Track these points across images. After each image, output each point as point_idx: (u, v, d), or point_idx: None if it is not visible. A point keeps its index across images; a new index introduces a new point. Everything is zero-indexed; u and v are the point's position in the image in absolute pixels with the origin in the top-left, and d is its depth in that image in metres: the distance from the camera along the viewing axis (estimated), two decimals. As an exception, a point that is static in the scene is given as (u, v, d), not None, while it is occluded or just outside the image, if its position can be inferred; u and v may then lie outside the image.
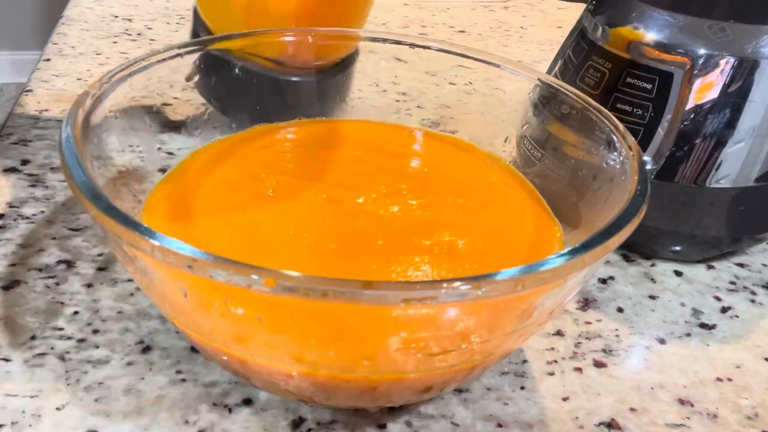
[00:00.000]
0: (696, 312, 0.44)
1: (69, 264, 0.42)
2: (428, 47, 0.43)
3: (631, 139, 0.32)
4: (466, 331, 0.25)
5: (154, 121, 0.36)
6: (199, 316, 0.25)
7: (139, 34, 0.74)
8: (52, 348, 0.35)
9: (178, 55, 0.36)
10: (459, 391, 0.36)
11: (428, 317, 0.24)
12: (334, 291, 0.21)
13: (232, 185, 0.36)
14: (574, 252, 0.24)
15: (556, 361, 0.39)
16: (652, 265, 0.48)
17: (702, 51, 0.41)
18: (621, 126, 0.33)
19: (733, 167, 0.42)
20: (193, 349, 0.36)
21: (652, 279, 0.46)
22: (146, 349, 0.36)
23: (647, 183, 0.29)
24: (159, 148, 0.38)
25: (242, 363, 0.27)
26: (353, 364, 0.25)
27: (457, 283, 0.22)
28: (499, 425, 0.35)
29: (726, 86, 0.41)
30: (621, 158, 0.32)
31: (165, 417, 0.32)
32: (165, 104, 0.38)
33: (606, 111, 0.35)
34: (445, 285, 0.22)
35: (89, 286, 0.40)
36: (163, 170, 0.37)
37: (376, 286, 0.21)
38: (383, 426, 0.33)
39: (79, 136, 0.28)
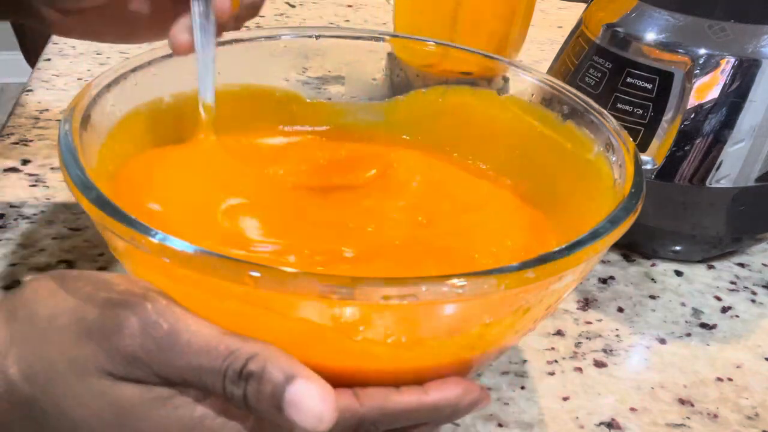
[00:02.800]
0: (696, 312, 0.44)
1: (69, 264, 0.42)
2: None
3: (628, 139, 0.32)
4: (460, 325, 0.25)
5: (156, 118, 0.36)
6: (197, 312, 0.25)
7: (139, 34, 0.74)
8: (51, 347, 0.35)
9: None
10: (459, 390, 0.36)
11: (417, 312, 0.24)
12: (324, 289, 0.22)
13: (234, 183, 0.36)
14: (562, 252, 0.24)
15: (556, 361, 0.39)
16: (653, 265, 0.48)
17: (702, 51, 0.41)
18: (619, 126, 0.33)
19: (733, 167, 0.42)
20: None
21: (653, 279, 0.46)
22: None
23: (642, 183, 0.29)
24: (160, 146, 0.37)
25: None
26: (343, 356, 0.25)
27: (437, 282, 0.22)
28: (499, 425, 0.35)
29: (726, 86, 0.41)
30: (619, 158, 0.32)
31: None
32: (167, 102, 0.38)
33: (605, 111, 0.35)
34: (425, 283, 0.22)
35: (89, 285, 0.40)
36: (162, 168, 0.37)
37: (364, 282, 0.22)
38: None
39: (77, 131, 0.28)
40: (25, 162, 0.51)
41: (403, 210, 0.36)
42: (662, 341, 0.41)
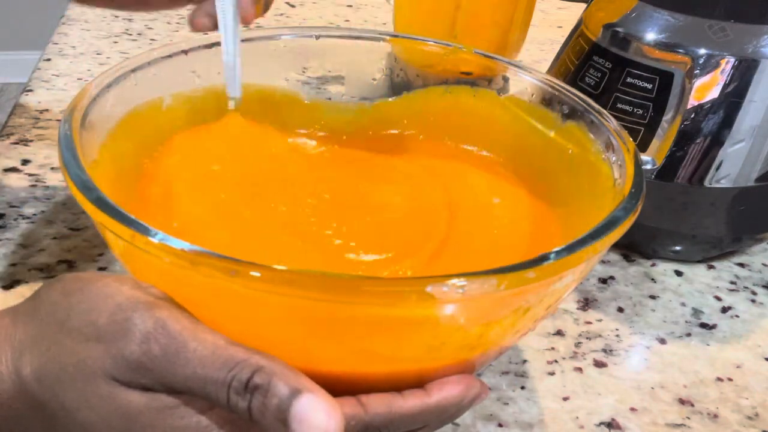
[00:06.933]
0: (696, 312, 0.44)
1: (69, 264, 0.42)
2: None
3: (628, 139, 0.32)
4: (461, 325, 0.25)
5: (157, 118, 0.36)
6: (197, 312, 0.25)
7: (139, 34, 0.74)
8: (51, 347, 0.35)
9: (183, 52, 0.36)
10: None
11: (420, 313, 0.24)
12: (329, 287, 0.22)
13: (230, 183, 0.36)
14: (562, 252, 0.24)
15: (556, 361, 0.39)
16: (653, 265, 0.48)
17: (702, 51, 0.41)
18: (619, 126, 0.33)
19: (733, 167, 0.42)
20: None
21: (653, 279, 0.46)
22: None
23: (642, 183, 0.29)
24: (160, 145, 0.37)
25: None
26: (343, 357, 0.25)
27: (437, 282, 0.22)
28: (500, 425, 0.35)
29: (726, 86, 0.41)
30: (619, 158, 0.32)
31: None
32: (167, 102, 0.38)
33: (605, 111, 0.35)
34: (425, 283, 0.22)
35: (89, 285, 0.40)
36: (163, 166, 0.37)
37: (364, 283, 0.22)
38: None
39: (77, 131, 0.28)
40: (25, 162, 0.51)
41: (409, 204, 0.36)
42: (662, 341, 0.41)
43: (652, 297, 0.45)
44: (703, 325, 0.43)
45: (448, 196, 0.37)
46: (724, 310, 0.44)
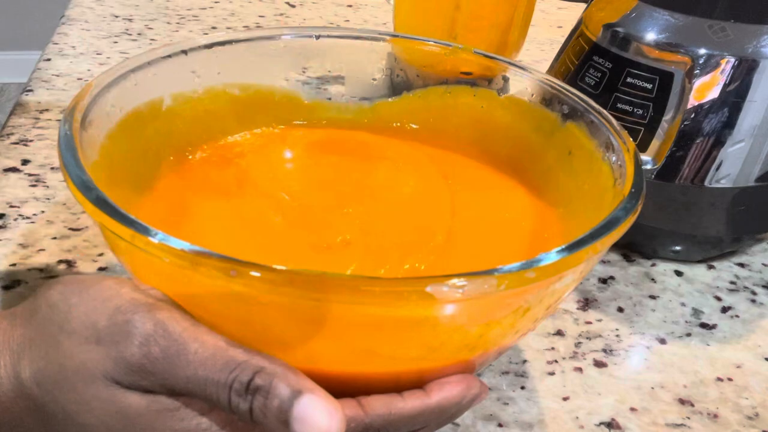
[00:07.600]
0: (696, 312, 0.44)
1: (69, 264, 0.42)
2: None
3: (628, 139, 0.32)
4: (461, 325, 0.25)
5: (157, 118, 0.36)
6: (198, 312, 0.25)
7: (139, 34, 0.74)
8: (51, 347, 0.35)
9: (183, 52, 0.36)
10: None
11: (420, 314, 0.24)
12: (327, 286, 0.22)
13: (231, 187, 0.36)
14: (562, 252, 0.24)
15: (556, 361, 0.39)
16: (653, 265, 0.48)
17: (702, 51, 0.41)
18: (619, 126, 0.33)
19: (733, 167, 0.42)
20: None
21: (653, 279, 0.46)
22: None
23: (642, 183, 0.29)
24: (160, 145, 0.37)
25: None
26: (342, 357, 0.25)
27: (437, 282, 0.22)
28: (500, 425, 0.35)
29: (726, 86, 0.41)
30: (619, 158, 0.32)
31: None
32: (167, 102, 0.38)
33: (605, 111, 0.35)
34: (425, 283, 0.22)
35: (89, 285, 0.40)
36: (162, 168, 0.37)
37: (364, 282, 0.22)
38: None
39: (77, 131, 0.28)
40: (25, 162, 0.51)
41: (411, 203, 0.36)
42: (662, 341, 0.41)
43: (652, 297, 0.45)
44: (703, 325, 0.43)
45: (450, 196, 0.37)
46: (724, 310, 0.44)
